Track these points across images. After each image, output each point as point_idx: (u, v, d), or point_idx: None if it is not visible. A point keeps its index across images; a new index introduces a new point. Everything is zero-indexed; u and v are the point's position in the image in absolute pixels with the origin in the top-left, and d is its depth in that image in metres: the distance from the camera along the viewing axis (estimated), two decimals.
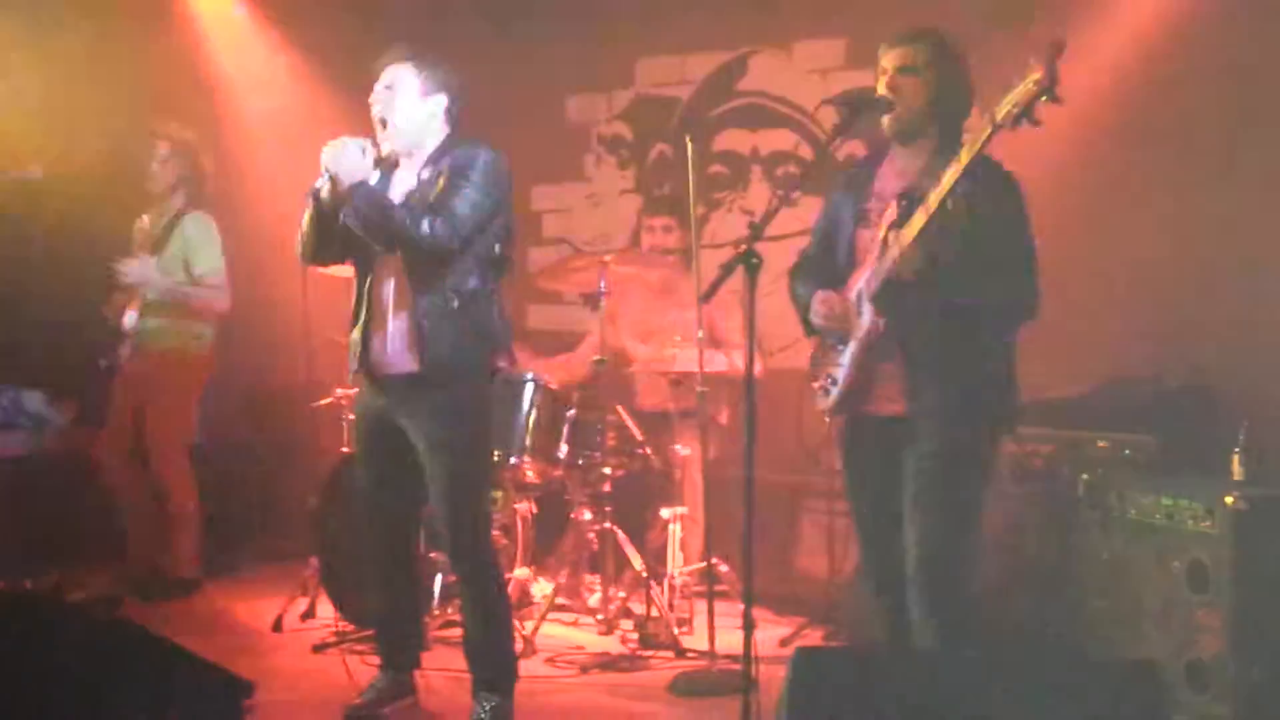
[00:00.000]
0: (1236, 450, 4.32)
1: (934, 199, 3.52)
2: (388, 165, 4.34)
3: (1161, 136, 5.62)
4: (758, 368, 3.67)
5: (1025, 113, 3.28)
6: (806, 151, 6.98)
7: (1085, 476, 4.71)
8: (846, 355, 3.85)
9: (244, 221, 6.54)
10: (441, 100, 4.28)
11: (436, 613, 5.26)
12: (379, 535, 4.51)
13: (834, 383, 3.89)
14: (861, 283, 3.78)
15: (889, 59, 3.81)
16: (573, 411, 5.51)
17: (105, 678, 3.19)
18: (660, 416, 5.94)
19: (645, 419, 5.87)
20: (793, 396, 6.36)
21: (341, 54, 6.80)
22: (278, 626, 5.43)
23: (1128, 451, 4.83)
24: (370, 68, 4.32)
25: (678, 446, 5.76)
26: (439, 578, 5.30)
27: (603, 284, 5.50)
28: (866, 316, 3.75)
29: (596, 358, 5.57)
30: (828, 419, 4.00)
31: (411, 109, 4.25)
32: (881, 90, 3.81)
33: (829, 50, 6.94)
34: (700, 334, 5.28)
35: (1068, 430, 4.97)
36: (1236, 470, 4.32)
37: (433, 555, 5.17)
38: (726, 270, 3.67)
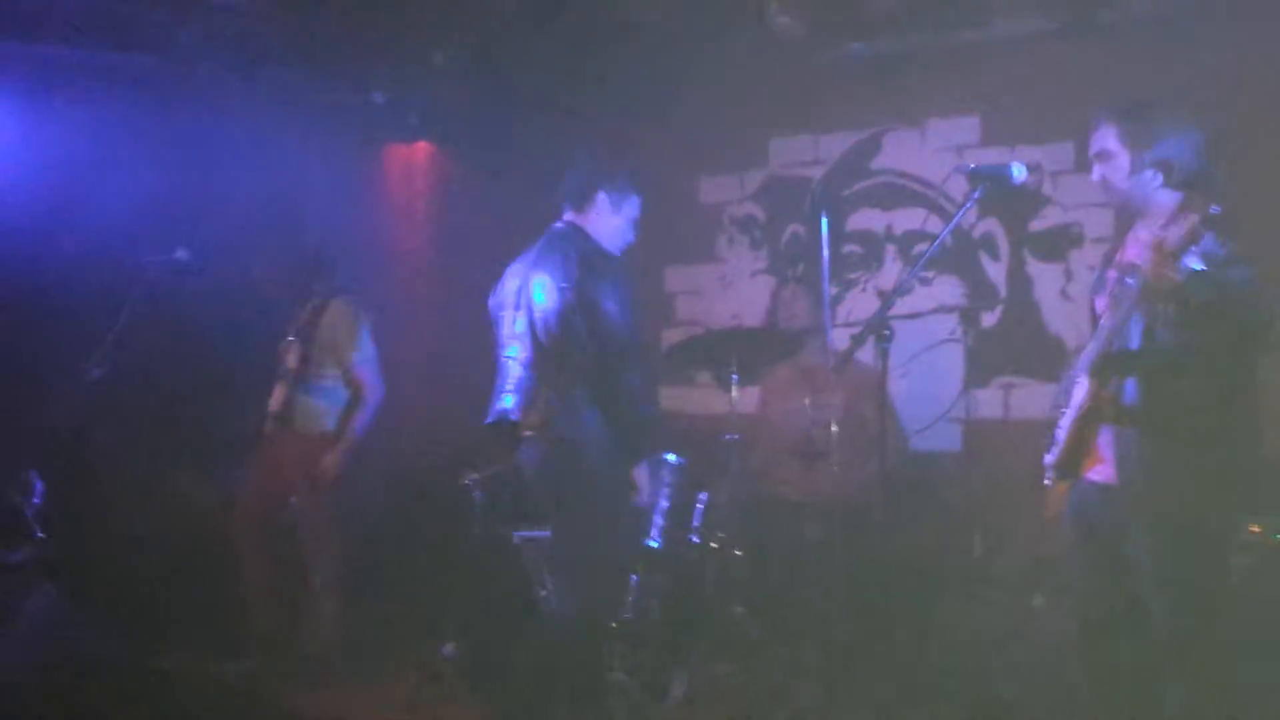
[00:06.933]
0: None
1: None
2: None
3: None
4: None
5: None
6: (938, 228, 6.89)
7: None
8: (1065, 419, 3.85)
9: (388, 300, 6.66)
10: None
11: None
12: None
13: (1054, 443, 3.89)
14: (1087, 352, 3.79)
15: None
16: (705, 495, 5.45)
17: None
18: (792, 504, 5.83)
19: (778, 502, 5.78)
20: (936, 480, 6.29)
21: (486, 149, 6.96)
22: (411, 710, 5.39)
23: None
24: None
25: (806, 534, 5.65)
26: None
27: (734, 373, 5.46)
28: (1082, 387, 3.75)
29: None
30: (1047, 480, 3.94)
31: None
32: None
33: (962, 128, 6.87)
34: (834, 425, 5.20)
35: None
36: None
37: None
38: (857, 342, 3.68)
